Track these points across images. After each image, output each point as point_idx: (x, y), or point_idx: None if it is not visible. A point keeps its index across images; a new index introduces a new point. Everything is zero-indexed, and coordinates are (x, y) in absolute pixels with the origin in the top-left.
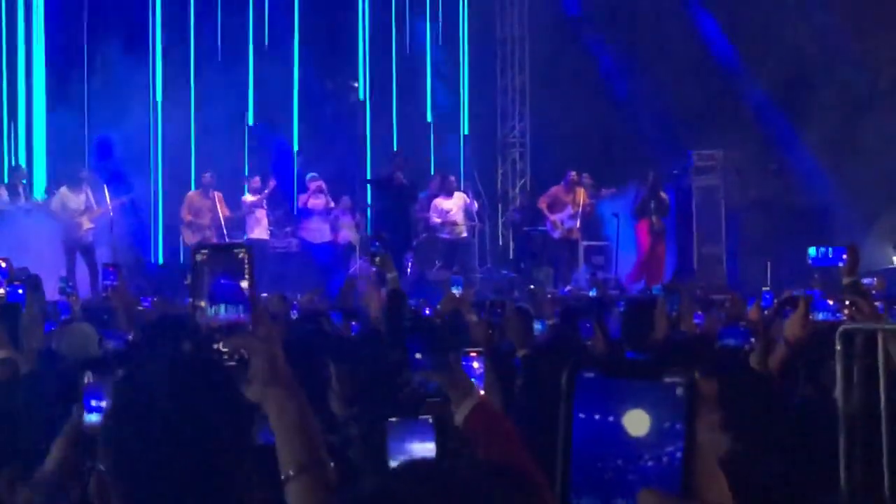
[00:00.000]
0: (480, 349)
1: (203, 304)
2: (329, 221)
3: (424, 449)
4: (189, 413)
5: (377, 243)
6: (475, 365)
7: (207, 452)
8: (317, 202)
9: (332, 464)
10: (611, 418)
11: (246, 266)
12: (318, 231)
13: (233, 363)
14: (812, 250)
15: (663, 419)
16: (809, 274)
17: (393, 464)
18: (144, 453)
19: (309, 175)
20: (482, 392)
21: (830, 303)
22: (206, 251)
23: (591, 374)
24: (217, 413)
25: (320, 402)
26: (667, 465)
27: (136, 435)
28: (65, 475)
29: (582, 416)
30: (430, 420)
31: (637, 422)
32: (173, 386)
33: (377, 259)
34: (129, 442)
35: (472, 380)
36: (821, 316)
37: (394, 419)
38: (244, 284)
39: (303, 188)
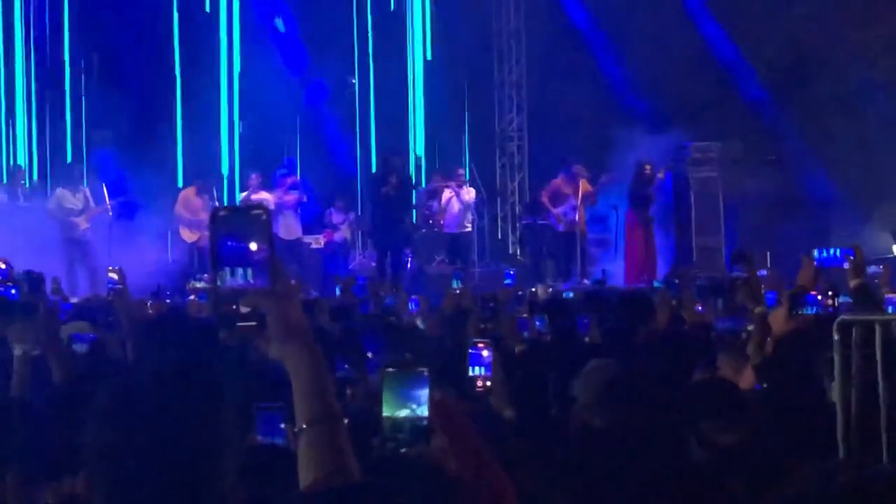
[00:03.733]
0: (488, 340)
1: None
2: (302, 217)
3: (419, 396)
4: (173, 418)
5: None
6: (484, 353)
7: (191, 456)
8: (290, 198)
9: (345, 420)
10: None
11: (258, 228)
12: (293, 227)
13: (252, 324)
14: (817, 252)
15: None
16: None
17: (388, 413)
18: (128, 455)
19: (281, 170)
20: (489, 382)
21: (819, 297)
22: (224, 212)
23: None
24: (202, 417)
25: None
26: None
27: (121, 437)
28: None
29: None
30: (426, 372)
31: None
32: (160, 390)
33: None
34: (113, 444)
35: (481, 368)
36: (811, 310)
37: (391, 368)
38: (253, 247)
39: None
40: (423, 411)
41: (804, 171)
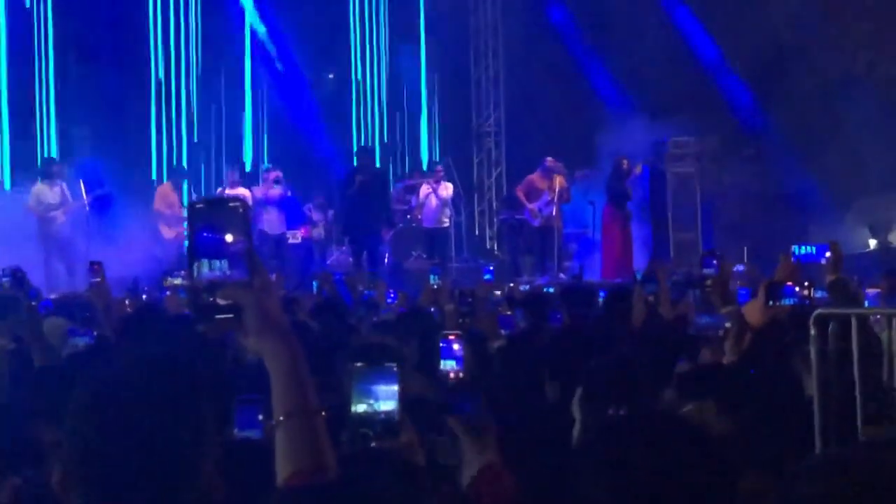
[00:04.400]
0: (460, 332)
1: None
2: (286, 212)
3: (389, 391)
4: (150, 412)
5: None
6: (455, 347)
7: (169, 450)
8: (274, 192)
9: (322, 413)
10: None
11: (236, 220)
12: (277, 222)
13: (230, 316)
14: (795, 248)
15: None
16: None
17: (357, 408)
18: (108, 449)
19: (265, 165)
20: (461, 374)
21: (796, 289)
22: (201, 205)
23: None
24: (180, 411)
25: None
26: None
27: (100, 431)
28: None
29: None
30: (395, 368)
31: None
32: (139, 384)
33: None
34: (93, 438)
35: (452, 361)
36: (788, 301)
37: (360, 364)
38: (229, 238)
39: (258, 179)
40: (392, 406)
41: (782, 165)
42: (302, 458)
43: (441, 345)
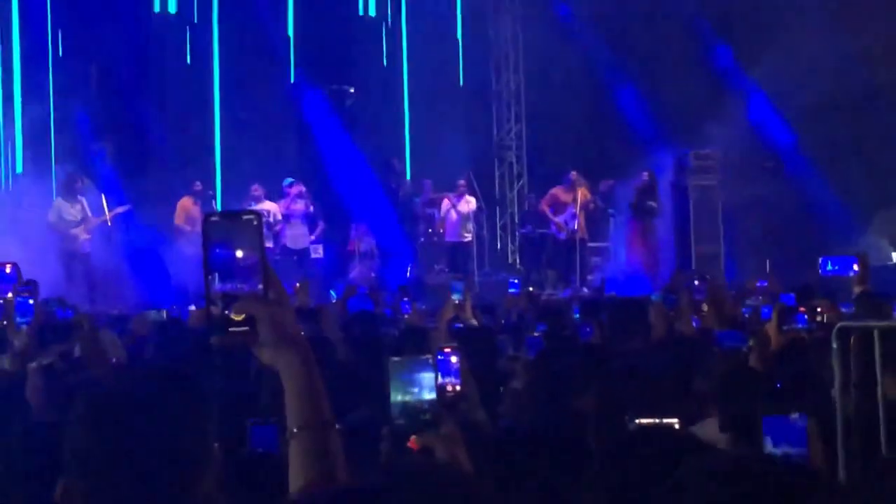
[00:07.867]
0: (455, 344)
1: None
2: (308, 225)
3: (427, 382)
4: (154, 424)
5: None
6: (452, 360)
7: (169, 464)
8: (297, 207)
9: (336, 426)
10: None
11: (249, 234)
12: (300, 237)
13: (244, 329)
14: (823, 261)
15: None
16: (807, 273)
17: (397, 400)
18: (106, 463)
19: (287, 180)
20: (458, 387)
21: (806, 315)
22: (216, 217)
23: None
24: (185, 425)
25: None
26: None
27: (99, 444)
28: None
29: None
30: (430, 360)
31: None
32: (140, 397)
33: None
34: (91, 451)
35: (450, 375)
36: (800, 326)
37: (396, 358)
38: (239, 254)
39: (283, 194)
40: (430, 395)
41: (804, 178)
42: (314, 470)
43: (438, 359)
